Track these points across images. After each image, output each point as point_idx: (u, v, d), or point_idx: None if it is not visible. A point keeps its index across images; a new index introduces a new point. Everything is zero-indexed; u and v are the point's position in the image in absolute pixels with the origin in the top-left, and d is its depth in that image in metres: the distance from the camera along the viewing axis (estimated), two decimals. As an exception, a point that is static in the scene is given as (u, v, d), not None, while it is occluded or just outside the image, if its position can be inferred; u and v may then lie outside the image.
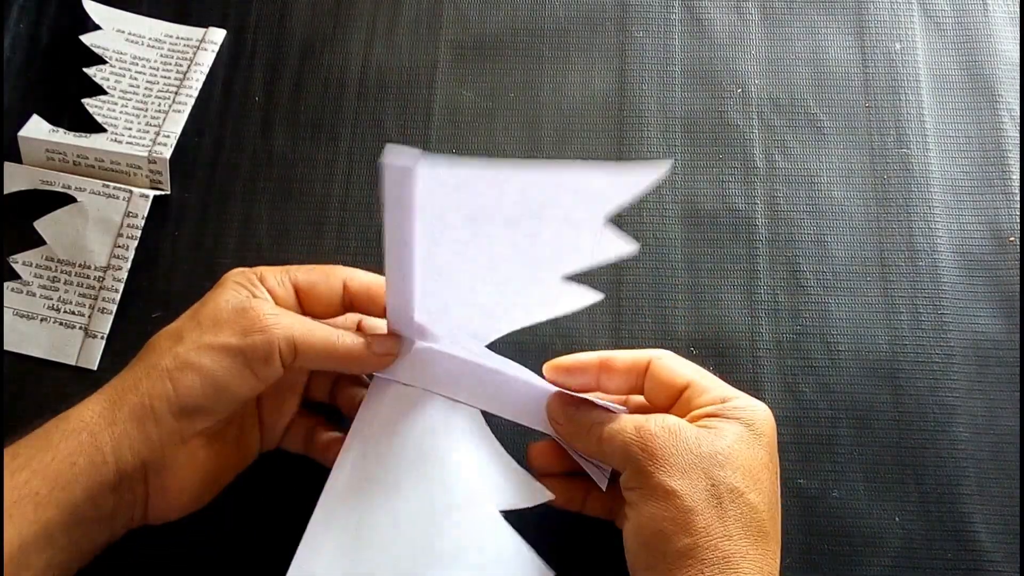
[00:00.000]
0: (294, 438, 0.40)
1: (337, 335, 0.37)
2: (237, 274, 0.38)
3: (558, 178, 0.34)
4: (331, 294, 0.39)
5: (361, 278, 0.40)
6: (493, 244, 0.35)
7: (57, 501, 0.32)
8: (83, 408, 0.35)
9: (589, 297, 0.38)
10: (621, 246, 0.36)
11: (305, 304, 0.39)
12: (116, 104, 0.51)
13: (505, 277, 0.37)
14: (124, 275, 0.47)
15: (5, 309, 0.46)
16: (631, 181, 0.35)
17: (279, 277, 0.38)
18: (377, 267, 0.47)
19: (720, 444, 0.34)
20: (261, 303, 0.36)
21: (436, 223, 0.33)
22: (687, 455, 0.34)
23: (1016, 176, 0.49)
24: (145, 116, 0.50)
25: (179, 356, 0.35)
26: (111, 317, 0.46)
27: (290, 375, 0.38)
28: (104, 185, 0.48)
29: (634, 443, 0.35)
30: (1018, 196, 0.48)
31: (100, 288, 0.47)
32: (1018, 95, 0.50)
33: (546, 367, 0.39)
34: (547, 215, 0.35)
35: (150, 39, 0.53)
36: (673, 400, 0.37)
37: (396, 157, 0.30)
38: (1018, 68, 0.51)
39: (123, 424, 0.34)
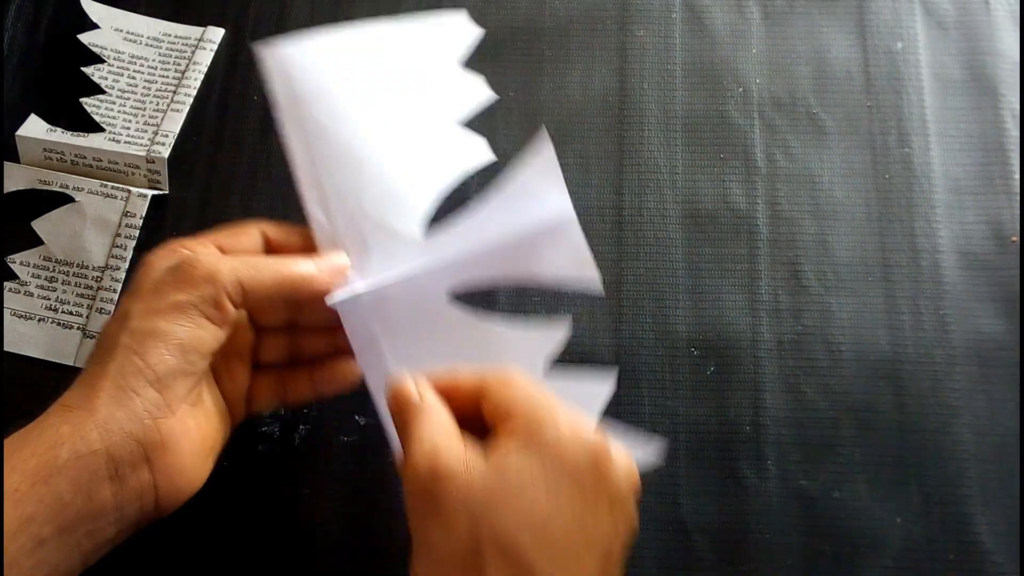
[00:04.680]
0: (262, 399, 0.39)
1: (282, 262, 0.37)
2: (159, 250, 0.37)
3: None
4: (254, 247, 0.39)
5: (277, 226, 0.40)
6: (382, 110, 0.38)
7: (39, 497, 0.31)
8: (59, 406, 0.33)
9: (486, 152, 0.41)
10: (483, 92, 0.40)
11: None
12: (114, 103, 0.50)
13: (403, 138, 0.38)
14: (122, 275, 0.47)
15: (3, 309, 0.46)
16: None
17: (201, 240, 0.37)
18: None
19: (492, 480, 0.30)
20: (193, 256, 0.35)
21: (325, 106, 0.37)
22: (451, 498, 0.30)
23: (1018, 175, 0.48)
24: (143, 115, 0.50)
25: (135, 331, 0.34)
26: (109, 317, 0.46)
27: (235, 339, 0.37)
28: (102, 185, 0.48)
29: (414, 476, 0.31)
30: (1020, 196, 0.48)
31: (98, 288, 0.46)
32: (1020, 94, 0.50)
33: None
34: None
35: (148, 38, 0.53)
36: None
37: (267, 47, 0.37)
38: (1020, 67, 0.51)
39: (104, 409, 0.32)
